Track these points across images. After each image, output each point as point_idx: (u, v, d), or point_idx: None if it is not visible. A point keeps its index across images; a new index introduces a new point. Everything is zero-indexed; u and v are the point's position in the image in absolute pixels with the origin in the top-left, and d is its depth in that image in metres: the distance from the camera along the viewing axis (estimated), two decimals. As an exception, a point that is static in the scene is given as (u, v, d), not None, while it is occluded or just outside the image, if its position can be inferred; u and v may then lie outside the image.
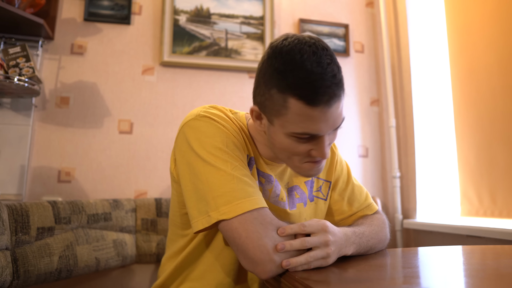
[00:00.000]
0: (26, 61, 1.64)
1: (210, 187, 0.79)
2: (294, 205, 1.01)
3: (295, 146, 0.82)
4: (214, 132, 0.85)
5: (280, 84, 0.77)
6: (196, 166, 0.82)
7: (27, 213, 1.19)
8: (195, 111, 0.90)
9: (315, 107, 0.75)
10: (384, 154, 2.22)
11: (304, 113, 0.76)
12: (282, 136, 0.82)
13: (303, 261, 0.73)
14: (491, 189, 1.67)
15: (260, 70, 0.84)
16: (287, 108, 0.77)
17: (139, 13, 2.00)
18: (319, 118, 0.77)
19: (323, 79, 0.74)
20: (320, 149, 0.82)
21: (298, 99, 0.75)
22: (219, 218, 0.76)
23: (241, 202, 0.77)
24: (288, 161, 0.88)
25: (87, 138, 1.83)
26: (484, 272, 0.76)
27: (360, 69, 2.27)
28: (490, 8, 1.69)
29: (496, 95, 1.65)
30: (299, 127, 0.78)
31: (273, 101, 0.79)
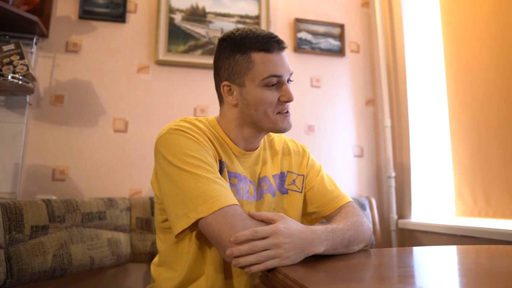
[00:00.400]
0: (20, 58, 1.62)
1: (187, 190, 0.87)
2: (262, 196, 1.09)
3: (267, 95, 0.99)
4: (185, 142, 0.95)
5: (241, 49, 0.99)
6: (173, 175, 0.91)
7: (21, 212, 1.18)
8: (167, 126, 1.00)
9: (271, 52, 0.99)
10: (379, 154, 2.22)
11: (265, 60, 0.98)
12: (254, 90, 0.99)
13: (253, 260, 0.76)
14: (485, 190, 1.68)
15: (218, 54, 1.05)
16: (252, 62, 0.98)
17: (135, 11, 1.99)
18: (277, 62, 0.99)
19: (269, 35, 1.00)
20: (286, 92, 1.01)
21: (258, 51, 0.98)
22: (197, 217, 0.84)
23: (216, 199, 0.85)
24: (264, 117, 1.01)
25: (82, 136, 1.82)
26: (478, 272, 0.77)
27: (355, 69, 2.27)
28: (485, 9, 1.69)
29: (490, 96, 1.66)
30: (265, 72, 0.98)
31: (239, 63, 1.00)
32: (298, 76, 2.15)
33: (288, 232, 0.79)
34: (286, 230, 0.79)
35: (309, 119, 2.14)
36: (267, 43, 0.98)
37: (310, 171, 1.18)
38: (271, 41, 0.99)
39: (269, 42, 0.99)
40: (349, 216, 1.01)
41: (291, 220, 0.83)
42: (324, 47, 2.21)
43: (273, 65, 0.98)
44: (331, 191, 1.14)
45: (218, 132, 1.06)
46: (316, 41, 2.20)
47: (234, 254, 0.77)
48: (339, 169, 2.13)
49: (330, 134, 2.16)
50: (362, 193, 2.16)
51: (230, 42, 1.01)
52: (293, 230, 0.80)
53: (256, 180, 1.10)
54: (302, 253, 0.80)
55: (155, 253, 1.59)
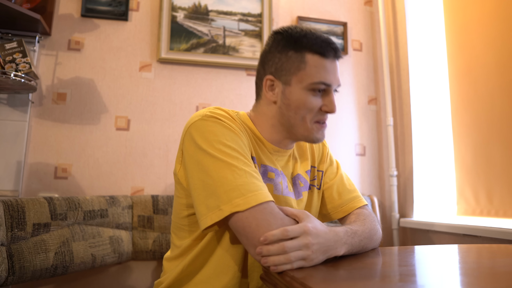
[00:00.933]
0: (22, 56, 1.63)
1: (222, 181, 0.82)
2: (300, 194, 1.06)
3: (311, 100, 0.95)
4: (222, 131, 0.89)
5: (296, 47, 0.95)
6: (206, 164, 0.85)
7: (23, 209, 1.19)
8: (201, 112, 0.94)
9: (327, 58, 0.95)
10: (381, 152, 2.22)
11: (319, 64, 0.94)
12: (299, 92, 0.95)
13: (283, 261, 0.73)
14: (487, 189, 1.67)
15: (270, 47, 1.00)
16: (305, 62, 0.94)
17: (137, 9, 1.99)
18: (330, 69, 0.95)
19: (328, 40, 0.96)
20: (330, 103, 0.96)
21: (314, 53, 0.94)
22: (232, 211, 0.79)
23: (254, 194, 0.80)
24: (301, 122, 0.97)
25: (84, 134, 1.83)
26: (480, 271, 0.77)
27: (358, 67, 2.27)
28: (489, 7, 1.69)
29: (493, 95, 1.65)
30: (316, 77, 0.93)
31: (291, 61, 0.95)
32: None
33: (316, 232, 0.77)
34: (314, 230, 0.77)
35: (311, 118, 2.13)
36: (324, 48, 0.94)
37: (328, 168, 1.16)
38: (329, 46, 0.95)
39: (327, 47, 0.95)
40: (366, 221, 0.99)
41: (316, 219, 0.81)
42: (327, 46, 2.20)
43: (325, 71, 0.94)
44: (349, 191, 1.12)
45: (249, 126, 1.01)
46: (319, 39, 2.19)
47: (263, 253, 0.74)
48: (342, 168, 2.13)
49: (333, 132, 2.16)
50: (364, 192, 2.15)
51: (286, 36, 0.97)
52: (320, 231, 0.78)
53: (290, 178, 1.07)
54: (325, 255, 0.78)
55: (157, 251, 1.60)
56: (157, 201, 1.65)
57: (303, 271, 0.73)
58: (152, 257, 1.60)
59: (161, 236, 1.61)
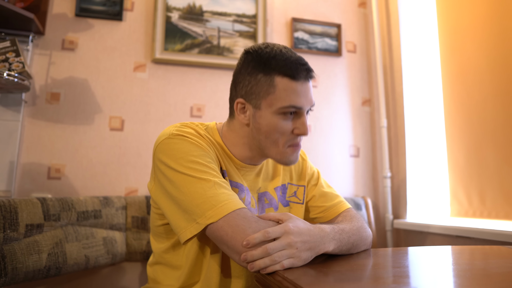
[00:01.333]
0: (16, 56, 1.62)
1: (193, 196, 0.84)
2: (264, 210, 1.07)
3: (282, 125, 0.93)
4: (188, 147, 0.91)
5: (265, 69, 0.92)
6: (176, 181, 0.88)
7: (15, 210, 1.18)
8: (167, 130, 0.96)
9: (297, 81, 0.92)
10: (375, 154, 2.23)
11: (289, 87, 0.91)
12: (269, 117, 0.93)
13: (268, 263, 0.74)
14: (480, 190, 1.69)
15: (240, 67, 0.98)
16: (275, 86, 0.91)
17: (131, 9, 1.98)
18: (301, 92, 0.92)
19: (299, 61, 0.93)
20: (302, 126, 0.94)
21: (283, 76, 0.91)
22: (207, 223, 0.81)
23: (224, 204, 0.82)
24: (272, 146, 0.96)
25: (78, 134, 1.82)
26: (472, 272, 0.77)
27: (352, 69, 2.28)
28: (482, 10, 1.70)
29: (486, 97, 1.67)
30: (286, 100, 0.91)
31: (260, 84, 0.93)
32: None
33: (298, 230, 0.78)
34: (295, 229, 0.78)
35: (306, 119, 2.14)
36: (294, 69, 0.91)
37: (310, 180, 1.17)
38: (300, 68, 0.92)
39: (297, 69, 0.92)
40: (354, 220, 1.01)
41: (298, 219, 0.82)
42: (321, 47, 2.21)
43: (295, 95, 0.92)
44: (331, 198, 1.14)
45: (217, 141, 1.02)
46: (313, 40, 2.20)
47: (247, 259, 0.75)
48: (335, 169, 2.14)
49: (327, 134, 2.16)
50: (358, 193, 2.16)
51: (255, 57, 0.94)
52: (302, 229, 0.79)
53: (256, 194, 1.08)
54: (313, 251, 0.79)
55: (151, 252, 1.59)
56: (151, 202, 1.64)
57: (294, 272, 0.73)
58: (145, 258, 1.60)
59: (155, 237, 1.61)
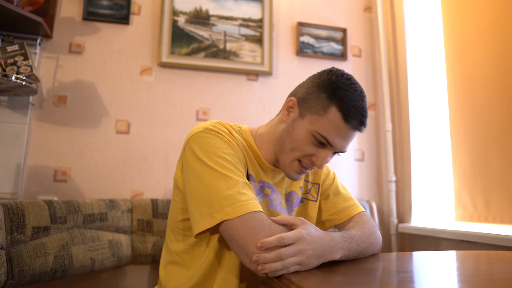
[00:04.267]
0: (24, 59, 1.63)
1: (215, 190, 0.85)
2: (292, 209, 1.11)
3: (307, 144, 0.96)
4: (220, 144, 0.94)
5: (331, 94, 0.94)
6: (202, 173, 0.89)
7: (23, 212, 1.19)
8: (203, 125, 0.99)
9: (347, 124, 0.93)
10: (380, 158, 2.23)
11: (336, 123, 0.93)
12: (304, 130, 0.96)
13: (279, 267, 0.75)
14: (485, 195, 1.68)
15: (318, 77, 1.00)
16: (327, 112, 0.93)
17: (138, 13, 2.00)
18: (343, 135, 0.94)
19: (363, 109, 0.95)
20: (321, 159, 0.97)
21: (339, 110, 0.92)
22: (223, 219, 0.82)
23: (244, 204, 0.83)
24: (287, 153, 0.99)
25: (84, 137, 1.83)
26: (478, 278, 0.77)
27: (357, 73, 2.28)
28: (487, 15, 1.70)
29: (491, 102, 1.66)
30: (325, 131, 0.94)
31: (318, 101, 0.95)
32: (300, 80, 2.13)
33: (310, 238, 0.79)
34: (308, 237, 0.79)
35: (311, 123, 2.14)
36: (352, 113, 0.93)
37: (325, 180, 1.18)
38: (358, 117, 0.94)
39: (355, 116, 0.93)
40: (365, 226, 1.01)
41: (311, 225, 0.83)
42: (326, 51, 2.22)
43: (336, 132, 0.94)
44: (345, 200, 1.14)
45: (250, 143, 1.05)
46: (319, 45, 2.21)
47: (259, 261, 0.76)
48: (340, 173, 2.14)
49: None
50: (363, 197, 2.16)
51: (333, 80, 0.96)
52: (315, 237, 0.80)
53: (284, 195, 1.11)
54: (320, 259, 0.80)
55: (156, 255, 1.60)
56: (157, 205, 1.65)
57: (300, 275, 0.74)
58: (151, 261, 1.60)
59: (160, 240, 1.61)
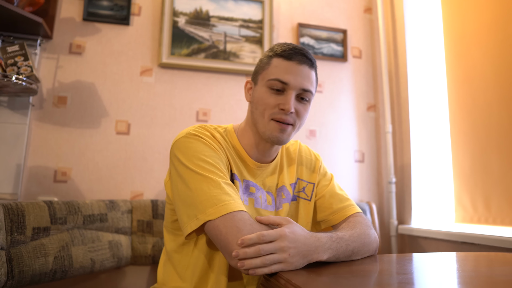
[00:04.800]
0: (24, 59, 1.63)
1: (198, 193, 0.89)
2: (281, 205, 1.11)
3: (267, 97, 1.01)
4: (201, 148, 0.98)
5: (269, 53, 1.05)
6: (186, 176, 0.93)
7: (23, 213, 1.19)
8: (186, 130, 1.03)
9: (288, 60, 1.01)
10: (380, 159, 2.23)
11: (280, 65, 1.01)
12: (260, 89, 1.03)
13: (259, 263, 0.76)
14: (485, 196, 1.68)
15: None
16: (270, 63, 1.03)
17: (139, 14, 2.00)
18: (290, 70, 1.00)
19: (299, 47, 1.04)
20: (287, 102, 1.00)
21: (278, 57, 1.02)
22: (206, 219, 0.85)
23: (225, 204, 0.86)
24: (260, 118, 1.03)
25: (84, 138, 1.83)
26: (478, 280, 0.77)
27: (357, 74, 2.28)
28: (487, 17, 1.70)
29: (491, 103, 1.66)
30: (274, 74, 1.01)
31: (261, 65, 1.06)
32: (300, 81, 2.16)
33: (293, 237, 0.79)
34: (291, 235, 0.79)
35: (311, 124, 2.14)
36: (290, 52, 1.02)
37: (321, 180, 1.19)
38: (296, 52, 1.02)
39: (293, 52, 1.02)
40: (357, 226, 1.01)
41: (297, 225, 0.84)
42: (327, 52, 2.22)
43: (284, 71, 1.00)
44: (341, 200, 1.14)
45: (234, 142, 1.09)
46: (319, 46, 2.21)
47: (239, 256, 0.77)
48: (340, 174, 2.14)
49: (332, 139, 2.16)
50: (363, 198, 2.16)
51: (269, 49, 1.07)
52: (298, 236, 0.80)
53: (274, 190, 1.12)
54: (305, 259, 0.80)
55: (156, 256, 1.60)
56: (157, 206, 1.65)
57: (303, 278, 0.73)
58: (151, 262, 1.60)
59: (160, 241, 1.61)
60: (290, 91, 1.01)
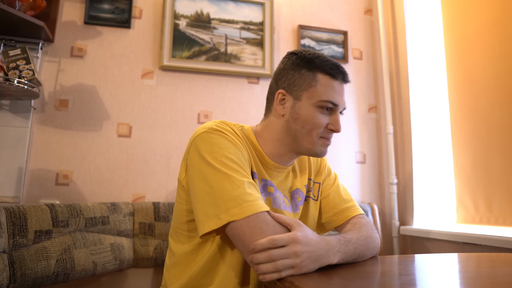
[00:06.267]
0: (26, 63, 1.64)
1: (221, 191, 0.86)
2: (297, 207, 1.11)
3: (318, 117, 1.00)
4: (225, 144, 0.94)
5: (309, 66, 1.02)
6: (207, 174, 0.89)
7: (25, 216, 1.19)
8: (207, 125, 0.99)
9: (336, 79, 1.01)
10: (381, 160, 2.23)
11: (329, 84, 1.00)
12: (308, 108, 1.01)
13: (270, 269, 0.75)
14: (487, 197, 1.68)
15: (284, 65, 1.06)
16: (316, 81, 1.00)
17: (139, 17, 2.01)
18: (338, 91, 1.01)
19: (338, 64, 1.03)
20: (336, 122, 1.02)
21: (324, 74, 1.00)
22: (229, 220, 0.83)
23: (250, 204, 0.84)
24: (307, 136, 1.02)
25: (86, 141, 1.83)
26: (481, 280, 0.77)
27: (358, 75, 2.28)
28: (488, 17, 1.70)
29: (492, 104, 1.66)
30: (325, 95, 1.00)
31: (303, 78, 1.01)
32: (301, 82, 2.16)
33: (306, 241, 0.78)
34: (304, 239, 0.78)
35: (312, 125, 2.14)
36: (334, 70, 1.01)
37: (325, 179, 1.19)
38: (339, 70, 1.02)
39: (337, 70, 1.02)
40: (363, 229, 1.00)
41: (308, 229, 0.83)
42: (328, 54, 2.22)
43: (334, 91, 1.00)
44: (345, 201, 1.14)
45: (252, 141, 1.06)
46: (320, 48, 2.21)
47: (253, 261, 0.77)
48: (342, 176, 2.14)
49: (333, 140, 2.14)
50: (365, 200, 2.16)
51: (300, 56, 1.04)
52: (310, 240, 0.79)
53: (289, 193, 1.11)
54: (317, 263, 0.79)
55: (158, 259, 1.60)
56: (158, 208, 1.65)
57: (302, 278, 0.73)
58: (153, 265, 1.61)
59: (162, 244, 1.61)
60: (337, 111, 1.03)
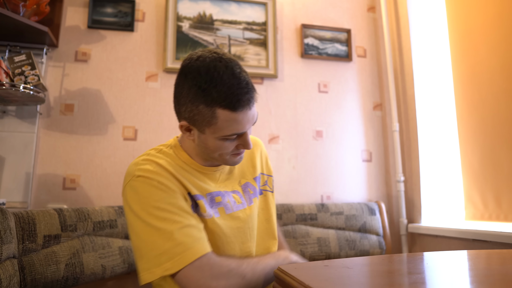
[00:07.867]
0: (31, 69, 1.65)
1: (151, 246, 0.87)
2: (251, 200, 1.11)
3: (226, 146, 0.96)
4: (150, 192, 0.92)
5: (206, 100, 0.89)
6: (137, 227, 0.90)
7: (33, 221, 1.19)
8: (131, 170, 0.96)
9: (238, 112, 0.90)
10: (387, 158, 2.22)
11: (230, 119, 0.90)
12: (214, 141, 0.95)
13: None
14: (495, 193, 1.67)
15: (180, 90, 0.93)
16: (216, 118, 0.90)
17: (143, 20, 2.01)
18: (243, 120, 0.92)
19: (240, 87, 0.89)
20: (245, 143, 0.97)
21: (224, 109, 0.88)
22: (163, 274, 0.85)
23: (181, 256, 0.85)
24: (219, 158, 1.00)
25: (92, 145, 1.84)
26: (493, 278, 0.76)
27: (362, 73, 2.27)
28: (492, 12, 1.69)
29: (498, 99, 1.65)
30: (229, 130, 0.92)
31: (202, 115, 0.91)
32: (305, 82, 2.16)
33: None
34: None
35: (317, 125, 2.14)
36: (236, 101, 0.88)
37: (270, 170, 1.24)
38: (241, 99, 0.89)
39: (238, 100, 0.88)
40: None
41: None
42: (331, 52, 2.21)
43: (237, 123, 0.91)
44: None
45: (184, 158, 1.03)
46: (323, 46, 2.21)
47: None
48: (348, 174, 2.13)
49: (339, 139, 2.16)
50: (372, 198, 2.15)
51: (196, 83, 0.89)
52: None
53: (239, 187, 1.11)
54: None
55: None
56: (165, 211, 1.65)
57: (311, 278, 0.73)
58: (161, 267, 1.60)
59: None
60: (246, 133, 0.96)
